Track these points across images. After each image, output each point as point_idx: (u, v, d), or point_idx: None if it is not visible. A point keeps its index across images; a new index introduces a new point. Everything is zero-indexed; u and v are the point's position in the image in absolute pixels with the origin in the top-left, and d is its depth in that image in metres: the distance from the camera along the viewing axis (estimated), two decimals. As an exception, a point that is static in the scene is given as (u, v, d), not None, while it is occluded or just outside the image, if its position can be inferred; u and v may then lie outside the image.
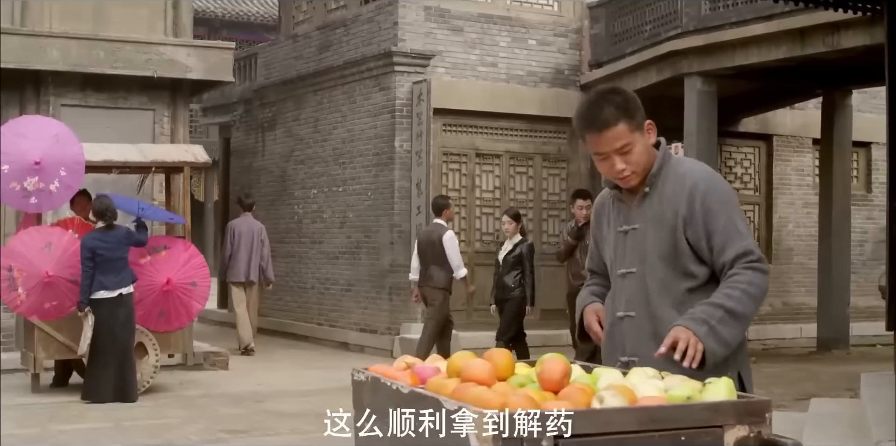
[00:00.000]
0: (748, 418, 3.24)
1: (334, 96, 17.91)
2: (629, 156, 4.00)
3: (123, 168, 12.95)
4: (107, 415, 10.79)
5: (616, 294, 4.20)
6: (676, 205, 4.01)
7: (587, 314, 4.30)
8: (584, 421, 3.05)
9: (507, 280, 13.16)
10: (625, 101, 4.03)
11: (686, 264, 4.03)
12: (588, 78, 18.03)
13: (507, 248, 13.31)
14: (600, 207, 4.37)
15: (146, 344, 12.23)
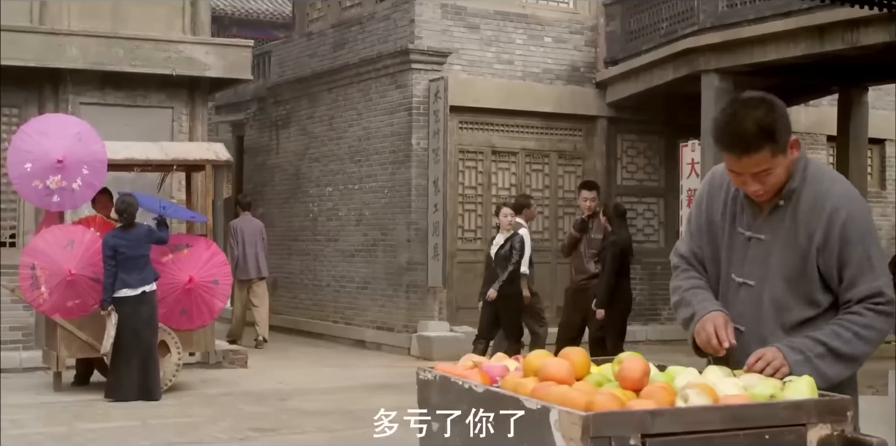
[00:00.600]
0: (830, 417, 3.23)
1: (350, 94, 17.89)
2: (766, 179, 3.69)
3: (145, 166, 12.93)
4: (132, 414, 10.78)
5: (726, 299, 3.90)
6: (812, 228, 3.73)
7: (706, 324, 3.79)
8: (671, 419, 3.04)
9: (501, 276, 12.93)
10: (773, 121, 3.64)
11: (810, 290, 3.76)
12: (604, 75, 18.02)
13: (499, 243, 13.08)
14: (716, 187, 3.99)
15: (168, 342, 12.22)
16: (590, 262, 12.71)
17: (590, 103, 17.99)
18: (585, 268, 12.76)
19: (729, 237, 3.92)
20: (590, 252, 12.73)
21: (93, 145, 11.94)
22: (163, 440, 9.54)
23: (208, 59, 14.68)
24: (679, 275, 4.07)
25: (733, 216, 3.92)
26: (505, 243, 12.93)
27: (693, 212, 4.09)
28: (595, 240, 12.70)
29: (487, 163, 17.34)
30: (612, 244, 12.46)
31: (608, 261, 12.36)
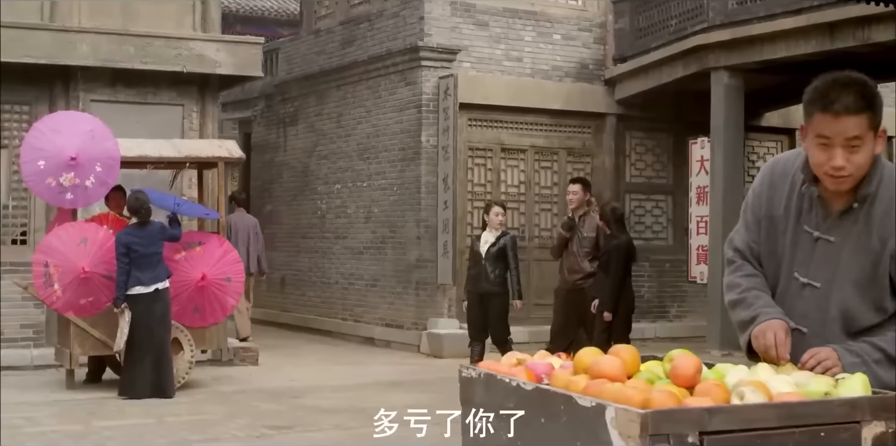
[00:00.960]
0: (885, 414, 3.20)
1: (358, 91, 17.87)
2: (854, 155, 3.55)
3: (157, 163, 12.91)
4: (147, 411, 10.77)
5: (788, 299, 3.80)
6: (886, 234, 3.61)
7: (766, 332, 3.67)
8: (728, 417, 3.02)
9: (492, 275, 12.57)
10: (873, 95, 3.54)
11: (880, 297, 3.65)
12: (612, 72, 18.01)
13: (490, 241, 12.71)
14: (778, 177, 3.88)
15: (181, 339, 12.21)
16: (584, 261, 12.36)
17: (599, 100, 17.97)
18: (580, 267, 12.39)
19: (793, 234, 3.81)
20: (583, 250, 12.39)
21: (106, 142, 11.93)
22: (179, 437, 9.52)
23: (219, 56, 14.67)
24: (735, 271, 3.95)
25: (799, 212, 3.80)
26: (497, 241, 12.62)
27: (751, 204, 3.94)
28: (587, 238, 12.38)
29: (497, 161, 17.32)
30: (615, 248, 12.16)
31: (613, 266, 12.06)
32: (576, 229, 12.42)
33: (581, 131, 18.05)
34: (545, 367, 3.73)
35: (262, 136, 20.90)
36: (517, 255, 12.74)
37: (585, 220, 12.46)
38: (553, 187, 17.81)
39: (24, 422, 10.09)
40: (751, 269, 3.89)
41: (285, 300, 19.84)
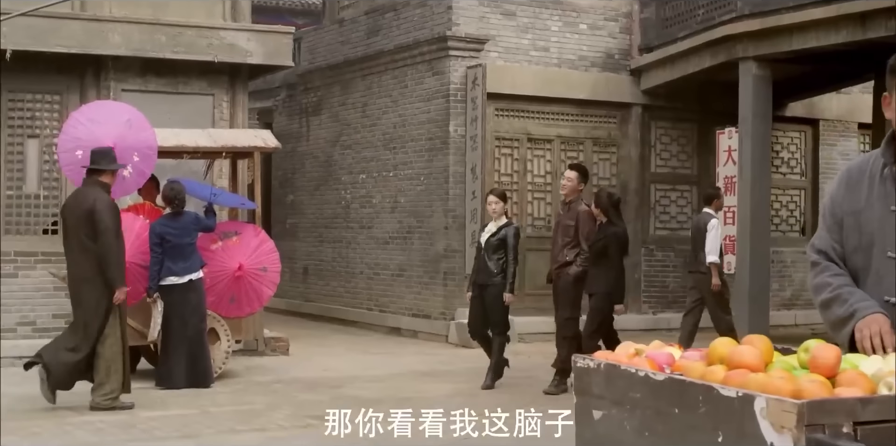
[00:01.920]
0: None
1: (384, 81, 17.84)
2: None
3: (194, 153, 12.89)
4: (189, 402, 10.77)
5: (885, 278, 3.86)
6: None
7: (870, 325, 3.75)
8: (880, 407, 3.01)
9: (491, 265, 11.94)
10: None
11: None
12: (638, 62, 17.97)
13: (491, 231, 12.09)
14: (855, 178, 4.00)
15: (218, 329, 12.21)
16: (562, 250, 11.80)
17: (624, 90, 17.94)
18: (557, 257, 11.90)
19: (881, 218, 3.88)
20: (564, 239, 11.81)
21: (143, 132, 11.87)
22: (226, 427, 9.52)
23: (249, 45, 14.64)
24: (822, 272, 4.02)
25: (884, 197, 3.87)
26: (497, 232, 11.98)
27: (829, 207, 4.06)
28: (568, 227, 11.78)
29: (523, 151, 17.31)
30: (613, 236, 11.73)
31: (614, 255, 11.68)
32: (562, 216, 12.06)
33: (607, 121, 18.03)
34: (666, 357, 3.72)
35: (283, 126, 20.85)
36: (517, 247, 12.05)
37: (570, 208, 11.96)
38: (579, 177, 17.77)
39: (68, 412, 10.11)
40: (837, 269, 3.98)
41: (308, 290, 19.83)
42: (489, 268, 11.93)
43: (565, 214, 11.97)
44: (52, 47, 13.74)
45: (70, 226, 10.53)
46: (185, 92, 14.73)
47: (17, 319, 13.89)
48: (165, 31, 14.25)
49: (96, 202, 10.19)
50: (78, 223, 10.30)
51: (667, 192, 18.64)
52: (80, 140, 11.60)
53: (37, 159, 14.24)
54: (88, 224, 10.17)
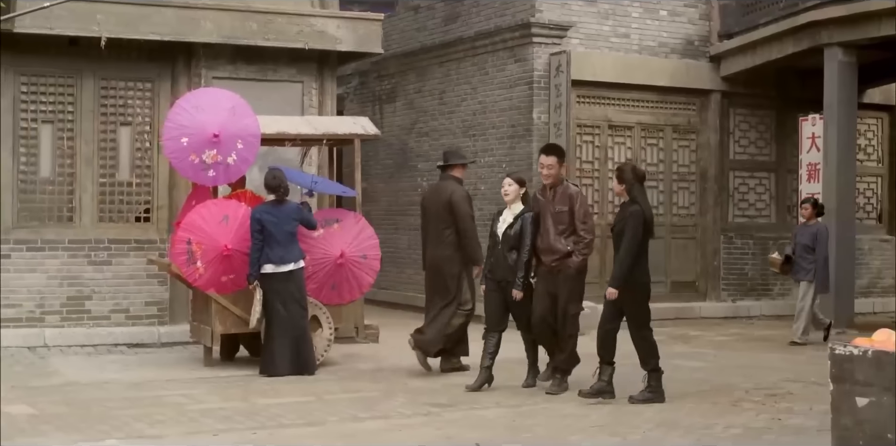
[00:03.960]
0: None
1: (463, 68, 17.79)
2: None
3: (294, 140, 12.88)
4: (301, 389, 10.77)
5: None
6: None
7: None
8: None
9: (511, 260, 10.80)
10: None
11: None
12: (718, 49, 17.88)
13: (508, 221, 10.93)
14: None
15: (320, 317, 12.21)
16: (559, 239, 10.57)
17: (704, 77, 17.86)
18: (555, 247, 10.60)
19: None
20: (559, 227, 10.59)
21: (246, 119, 11.91)
22: (349, 415, 9.49)
23: (339, 32, 14.60)
24: None
25: None
26: (514, 222, 10.84)
27: None
28: (560, 214, 10.58)
29: (604, 138, 17.26)
30: (633, 215, 10.09)
31: (629, 235, 10.01)
32: (549, 202, 10.72)
33: (686, 108, 17.97)
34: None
35: (355, 114, 20.72)
36: (532, 237, 10.73)
37: (557, 191, 10.71)
38: (659, 164, 17.77)
39: (185, 400, 10.10)
40: None
41: (382, 278, 19.65)
42: (508, 263, 10.83)
43: (551, 201, 10.68)
44: (146, 35, 13.75)
45: (431, 215, 12.11)
46: (274, 79, 14.72)
47: (111, 307, 13.95)
48: (256, 18, 14.23)
49: (452, 194, 11.84)
50: (438, 212, 11.95)
51: (745, 180, 18.56)
52: (184, 127, 11.65)
53: (129, 147, 14.27)
54: (446, 212, 11.84)
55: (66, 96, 14.00)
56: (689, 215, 18.04)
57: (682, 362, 12.92)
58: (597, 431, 8.84)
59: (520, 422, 9.27)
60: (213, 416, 9.35)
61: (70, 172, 14.04)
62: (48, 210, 13.99)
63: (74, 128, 14.03)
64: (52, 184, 14.02)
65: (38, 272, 13.68)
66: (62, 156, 14.03)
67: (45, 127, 13.97)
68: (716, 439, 8.49)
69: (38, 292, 13.66)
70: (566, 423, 9.20)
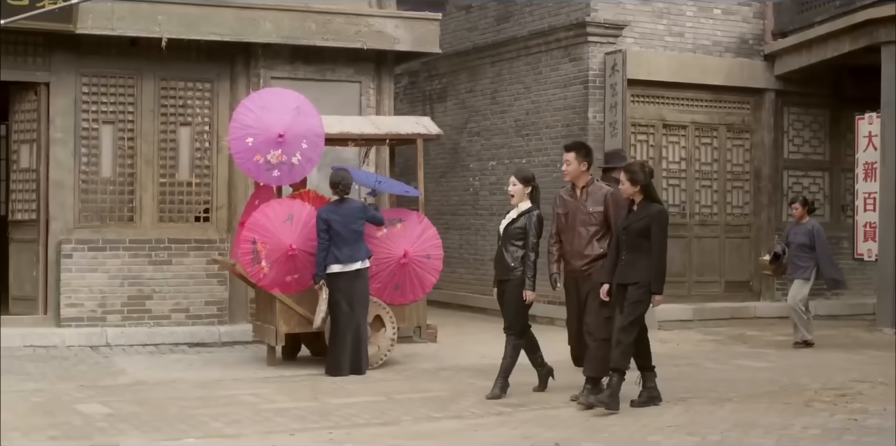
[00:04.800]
0: None
1: (516, 67, 17.77)
2: None
3: (358, 140, 12.89)
4: (370, 389, 10.79)
5: None
6: None
7: None
8: None
9: (508, 257, 10.47)
10: None
11: None
12: (772, 47, 17.79)
13: (512, 217, 10.53)
14: None
15: (384, 317, 12.23)
16: (592, 242, 10.16)
17: (758, 76, 17.78)
18: (584, 251, 10.21)
19: None
20: (589, 229, 10.15)
21: (311, 119, 11.94)
22: (422, 414, 9.49)
23: (397, 32, 14.63)
24: None
25: None
26: (518, 218, 10.47)
27: None
28: (594, 214, 10.13)
29: (658, 137, 17.21)
30: (660, 215, 9.71)
31: (660, 236, 9.61)
32: (579, 202, 10.27)
33: (740, 107, 17.90)
34: None
35: (405, 113, 20.68)
36: (538, 236, 10.40)
37: (589, 192, 10.26)
38: (713, 164, 17.71)
39: (256, 399, 10.12)
40: None
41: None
42: (506, 260, 10.49)
43: (582, 200, 10.23)
44: (206, 35, 13.82)
45: None
46: (332, 79, 14.77)
47: (171, 306, 14.01)
48: (315, 18, 14.27)
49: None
50: None
51: (799, 179, 18.48)
52: (250, 127, 11.69)
53: (188, 147, 14.34)
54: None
55: (126, 97, 14.08)
56: (742, 214, 17.96)
57: (746, 362, 12.91)
58: (673, 431, 8.81)
59: (595, 422, 9.25)
60: (287, 416, 9.36)
61: (130, 172, 14.12)
62: (109, 210, 14.08)
63: (135, 129, 14.10)
64: (113, 184, 14.09)
65: (100, 272, 13.74)
66: (123, 156, 14.11)
67: (106, 127, 14.04)
68: (795, 440, 8.45)
69: (99, 292, 13.72)
70: (642, 423, 9.18)
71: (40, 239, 13.82)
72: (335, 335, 11.66)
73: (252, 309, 13.95)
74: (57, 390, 10.60)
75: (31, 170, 13.95)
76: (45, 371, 11.82)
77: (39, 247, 13.83)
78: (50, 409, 9.59)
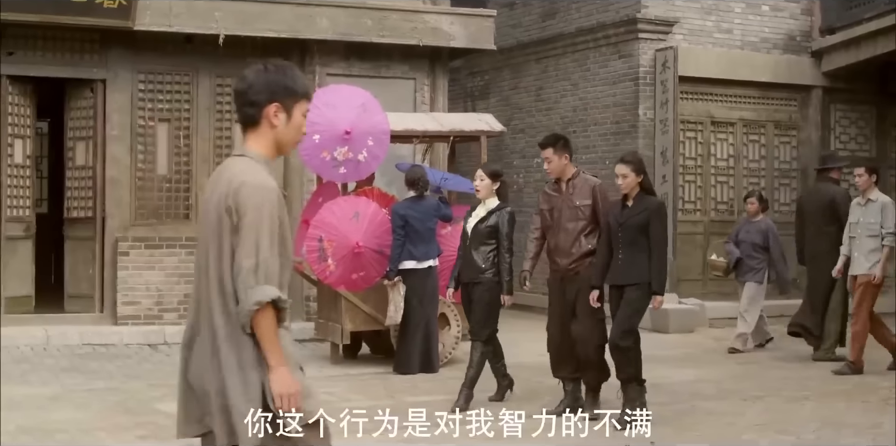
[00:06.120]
0: None
1: (562, 64, 17.71)
2: None
3: (423, 137, 12.84)
4: (442, 387, 10.71)
5: None
6: None
7: None
8: None
9: (477, 257, 9.85)
10: None
11: None
12: (820, 44, 17.71)
13: (480, 216, 9.90)
14: None
15: (448, 315, 12.19)
16: (579, 239, 9.28)
17: (805, 73, 17.70)
18: (571, 249, 9.36)
19: None
20: (578, 224, 9.25)
21: (377, 116, 11.88)
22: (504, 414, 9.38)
23: (452, 29, 14.60)
24: None
25: None
26: (488, 217, 9.86)
27: None
28: (582, 208, 9.22)
29: (707, 134, 17.14)
30: (660, 209, 9.09)
31: (661, 232, 8.96)
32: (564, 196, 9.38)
33: (787, 104, 17.83)
34: None
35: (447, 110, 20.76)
36: (512, 235, 9.88)
37: (574, 185, 9.37)
38: (761, 161, 17.63)
39: (331, 397, 10.03)
40: None
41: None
42: (476, 262, 9.86)
43: (567, 194, 9.34)
44: (262, 32, 13.80)
45: (809, 214, 13.02)
46: (387, 76, 14.74)
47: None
48: (371, 14, 14.24)
49: (835, 195, 12.74)
50: (816, 211, 12.82)
51: (844, 176, 18.34)
52: (316, 124, 11.60)
53: (243, 144, 14.23)
54: (828, 212, 12.62)
55: (182, 94, 14.06)
56: (790, 212, 17.78)
57: (807, 360, 12.83)
58: (763, 430, 8.77)
59: (678, 421, 9.19)
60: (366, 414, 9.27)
61: (186, 170, 14.09)
62: (165, 207, 14.05)
63: (191, 126, 14.08)
64: (169, 181, 14.07)
65: (156, 269, 13.70)
66: (178, 153, 14.09)
67: (162, 125, 14.02)
68: (889, 438, 8.39)
69: (156, 290, 13.70)
70: (727, 421, 9.14)
71: (96, 236, 13.80)
72: (405, 332, 11.61)
73: (306, 306, 13.93)
74: (129, 389, 10.58)
75: (87, 168, 13.92)
76: (111, 369, 11.80)
77: (96, 245, 13.81)
78: (130, 408, 9.57)
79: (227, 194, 3.97)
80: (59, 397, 10.09)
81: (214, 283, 4.03)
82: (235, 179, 3.98)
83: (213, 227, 4.03)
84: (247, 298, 3.90)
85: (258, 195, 3.95)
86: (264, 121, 4.11)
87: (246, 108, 4.11)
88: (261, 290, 3.91)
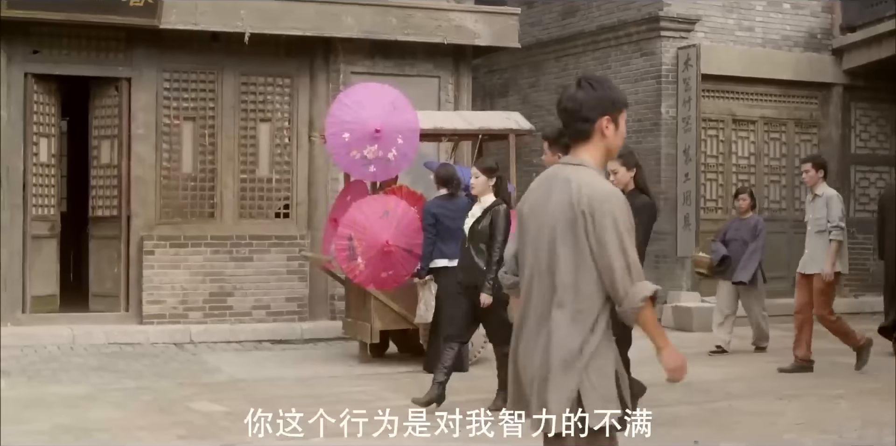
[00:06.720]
0: None
1: (583, 62, 17.68)
2: None
3: (452, 135, 12.81)
4: (476, 386, 10.65)
5: None
6: None
7: None
8: None
9: (480, 261, 9.49)
10: None
11: None
12: (841, 42, 17.71)
13: (476, 215, 9.60)
14: None
15: (478, 313, 12.11)
16: None
17: (826, 70, 17.69)
18: None
19: None
20: None
21: (406, 114, 11.83)
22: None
23: (477, 27, 14.57)
24: None
25: None
26: (483, 216, 9.55)
27: None
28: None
29: (728, 132, 17.13)
30: (643, 208, 8.45)
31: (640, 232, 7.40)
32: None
33: (808, 102, 17.83)
34: None
35: (464, 108, 20.76)
36: (506, 234, 9.11)
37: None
38: (782, 159, 17.63)
39: (367, 396, 10.04)
40: None
41: (496, 274, 19.72)
42: (477, 264, 9.52)
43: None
44: (287, 30, 13.77)
45: (889, 210, 13.05)
46: (411, 74, 14.70)
47: (252, 303, 13.94)
48: (396, 13, 14.21)
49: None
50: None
51: (866, 174, 18.39)
52: (346, 123, 11.59)
53: (268, 143, 14.28)
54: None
55: (207, 92, 14.03)
56: (811, 209, 17.86)
57: (835, 358, 12.77)
58: (804, 429, 8.73)
59: (716, 420, 9.17)
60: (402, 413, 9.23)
61: (211, 168, 14.06)
62: (190, 206, 14.03)
63: (215, 125, 14.05)
64: (194, 180, 14.04)
65: (182, 268, 13.68)
66: (203, 152, 14.06)
67: (187, 123, 13.99)
68: (930, 437, 8.37)
69: (181, 288, 13.67)
70: (767, 420, 9.10)
71: (122, 235, 13.77)
72: (437, 331, 11.55)
73: (332, 305, 13.90)
74: (160, 388, 10.55)
75: (112, 166, 13.89)
76: (139, 368, 11.76)
77: (121, 244, 13.78)
78: (164, 408, 9.53)
79: (578, 200, 4.28)
80: (92, 396, 10.05)
81: (545, 277, 4.37)
82: (586, 187, 4.29)
83: (548, 228, 4.36)
84: (632, 296, 4.27)
85: (613, 201, 4.30)
86: (596, 134, 4.41)
87: (579, 124, 4.42)
88: (641, 287, 4.29)
